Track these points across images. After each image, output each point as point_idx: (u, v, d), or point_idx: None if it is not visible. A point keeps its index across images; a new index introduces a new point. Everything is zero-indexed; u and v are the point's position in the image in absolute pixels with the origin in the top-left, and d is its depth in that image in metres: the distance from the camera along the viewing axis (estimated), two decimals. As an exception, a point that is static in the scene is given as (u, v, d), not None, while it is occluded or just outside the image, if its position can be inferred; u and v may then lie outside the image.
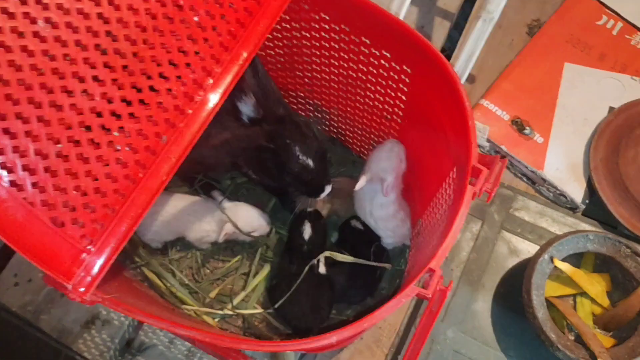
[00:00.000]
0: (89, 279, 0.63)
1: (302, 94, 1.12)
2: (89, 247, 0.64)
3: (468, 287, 1.13)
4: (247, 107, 1.00)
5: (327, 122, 1.15)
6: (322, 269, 0.99)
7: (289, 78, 1.09)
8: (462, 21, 1.29)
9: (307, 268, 0.96)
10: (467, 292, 1.13)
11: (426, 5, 1.40)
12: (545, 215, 1.20)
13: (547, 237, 1.16)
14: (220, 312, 1.04)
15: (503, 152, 1.24)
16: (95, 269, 0.64)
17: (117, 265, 1.07)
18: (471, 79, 1.33)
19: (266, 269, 1.11)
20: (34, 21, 0.59)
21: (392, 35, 0.82)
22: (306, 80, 1.07)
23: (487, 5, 1.04)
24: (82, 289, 0.63)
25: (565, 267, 1.06)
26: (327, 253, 0.98)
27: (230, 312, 1.03)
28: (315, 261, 0.97)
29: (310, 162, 0.91)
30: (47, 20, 0.60)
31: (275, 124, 0.94)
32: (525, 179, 1.25)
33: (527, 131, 1.25)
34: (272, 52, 1.04)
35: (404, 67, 0.85)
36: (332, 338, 0.62)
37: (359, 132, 1.11)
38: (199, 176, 1.14)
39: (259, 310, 1.05)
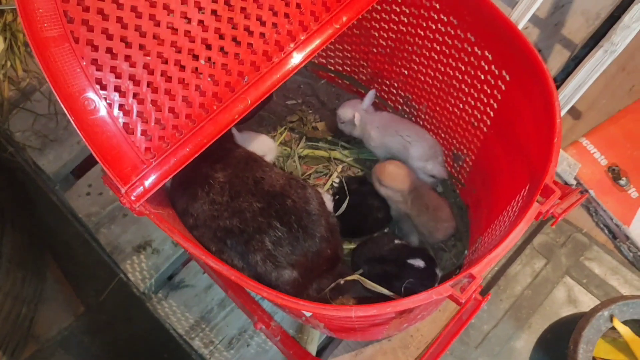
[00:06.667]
0: (141, 188, 0.66)
1: (395, 84, 1.10)
2: (150, 159, 0.67)
3: (513, 323, 1.07)
4: None
5: (412, 119, 1.13)
6: None
7: (386, 64, 1.08)
8: (583, 54, 1.22)
9: None
10: (511, 328, 1.06)
11: (549, 29, 1.34)
12: (619, 274, 1.10)
13: (614, 296, 1.07)
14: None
15: (590, 197, 1.16)
16: (150, 182, 0.66)
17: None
18: (577, 114, 1.25)
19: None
20: None
21: (500, 36, 0.78)
22: (403, 70, 1.05)
23: (612, 36, 0.98)
24: (133, 196, 0.66)
25: (624, 330, 0.97)
26: None
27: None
28: None
29: None
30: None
31: None
32: (606, 231, 1.16)
33: (622, 182, 1.16)
34: (376, 34, 1.03)
35: (503, 73, 0.82)
36: (350, 312, 0.61)
37: (442, 136, 1.08)
38: None
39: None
